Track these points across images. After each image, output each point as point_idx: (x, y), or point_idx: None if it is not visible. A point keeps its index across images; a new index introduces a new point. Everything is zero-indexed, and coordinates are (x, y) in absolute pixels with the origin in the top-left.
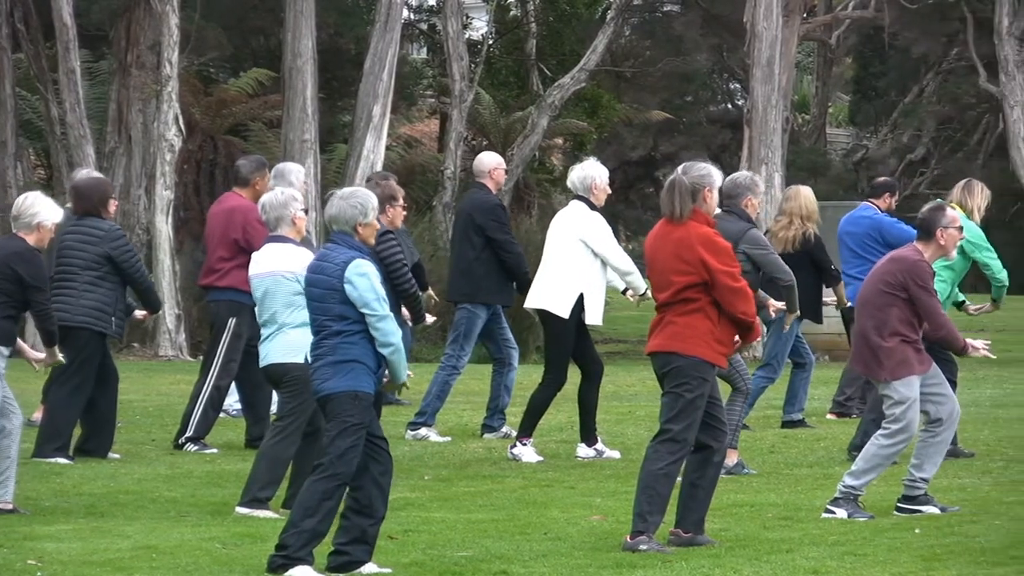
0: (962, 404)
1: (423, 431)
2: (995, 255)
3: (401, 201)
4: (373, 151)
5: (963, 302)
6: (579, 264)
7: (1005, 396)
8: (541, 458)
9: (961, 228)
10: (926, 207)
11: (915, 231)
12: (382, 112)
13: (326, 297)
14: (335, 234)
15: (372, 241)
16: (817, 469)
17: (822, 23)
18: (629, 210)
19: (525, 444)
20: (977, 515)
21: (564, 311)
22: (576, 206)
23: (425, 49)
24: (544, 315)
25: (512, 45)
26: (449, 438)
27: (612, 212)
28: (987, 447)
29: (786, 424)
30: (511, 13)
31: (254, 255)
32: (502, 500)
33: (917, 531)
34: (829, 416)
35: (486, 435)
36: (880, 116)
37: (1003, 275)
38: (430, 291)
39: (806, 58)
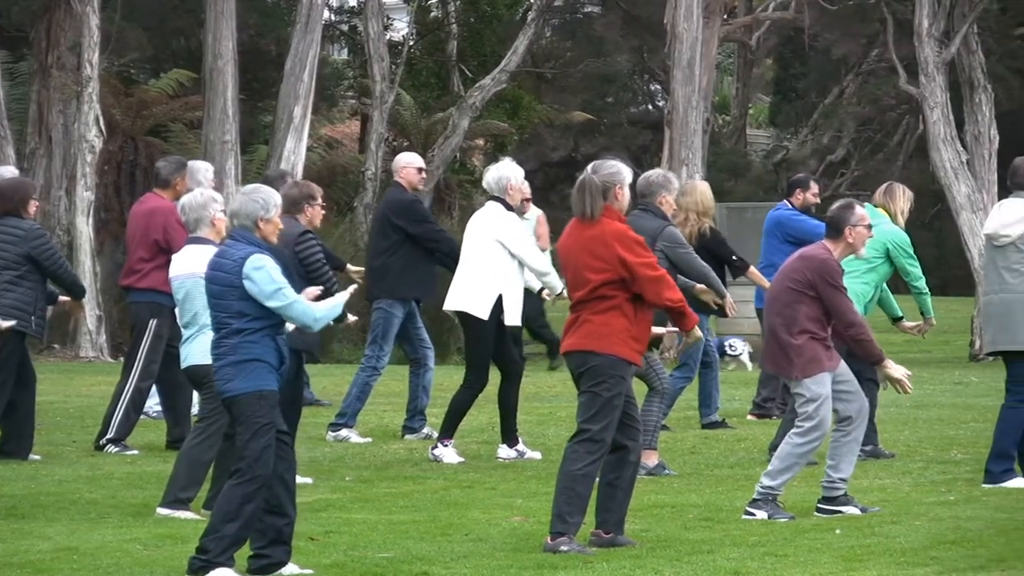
0: (882, 405)
1: (344, 432)
2: (917, 263)
3: (320, 200)
4: (294, 152)
5: (900, 318)
6: (497, 265)
7: (925, 397)
8: (462, 459)
9: (870, 226)
10: (835, 205)
11: (816, 225)
12: (303, 113)
13: (225, 294)
14: (235, 230)
15: (274, 239)
16: (738, 470)
17: (742, 24)
18: (550, 211)
19: (446, 445)
20: (897, 516)
21: (483, 312)
22: (492, 207)
23: (346, 50)
24: (463, 317)
25: (433, 46)
26: (370, 439)
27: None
28: (907, 448)
29: (706, 425)
30: (432, 14)
31: (174, 256)
32: (423, 501)
33: (838, 531)
34: (749, 417)
35: (407, 436)
36: (800, 117)
37: (922, 282)
38: (350, 267)
39: (726, 59)
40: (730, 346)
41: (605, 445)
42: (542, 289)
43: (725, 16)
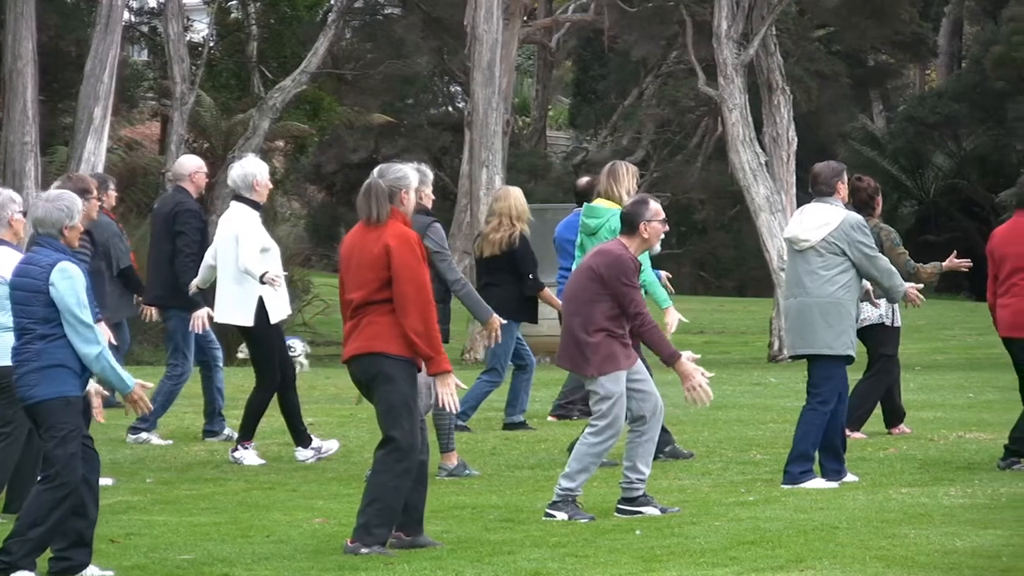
0: (681, 405)
1: (144, 435)
2: (653, 281)
3: (96, 193)
4: (94, 153)
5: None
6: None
7: (724, 398)
8: (263, 461)
9: (665, 220)
10: (630, 201)
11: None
12: (103, 114)
13: (31, 300)
14: (40, 237)
15: (76, 244)
16: (538, 471)
17: (542, 26)
18: (350, 213)
19: (246, 447)
20: (697, 516)
21: (248, 319)
22: (235, 207)
23: (146, 51)
24: (236, 326)
25: (233, 47)
26: (171, 441)
27: (334, 215)
28: (706, 448)
29: (507, 426)
30: (232, 15)
31: None
32: (224, 503)
33: (638, 532)
34: (550, 418)
35: (208, 439)
36: (600, 119)
37: (655, 288)
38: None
39: (527, 61)
40: (289, 347)
41: (413, 450)
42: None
43: (525, 18)
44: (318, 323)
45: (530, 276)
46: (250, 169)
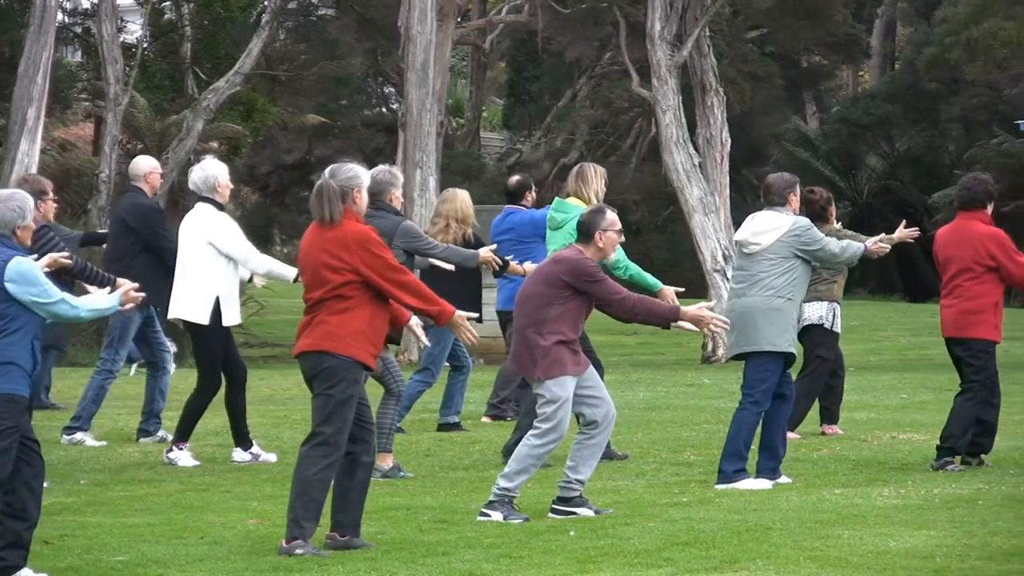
0: (616, 407)
1: (79, 435)
2: (627, 264)
3: (51, 194)
4: (28, 155)
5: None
6: (211, 268)
7: (657, 399)
8: (198, 462)
9: (621, 231)
10: (587, 210)
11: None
12: (36, 115)
13: None
14: None
15: (29, 243)
16: (472, 472)
17: (476, 27)
18: (284, 213)
19: (181, 449)
20: (631, 517)
21: (203, 318)
22: (202, 208)
23: (80, 52)
24: (187, 323)
25: (167, 48)
26: (105, 442)
27: (267, 216)
28: (640, 449)
29: (442, 427)
30: (166, 16)
31: None
32: (159, 504)
33: (572, 533)
34: (484, 419)
35: (142, 440)
36: (534, 120)
37: (623, 261)
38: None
39: (460, 62)
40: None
41: (339, 448)
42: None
43: (459, 19)
44: (253, 324)
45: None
46: (211, 171)
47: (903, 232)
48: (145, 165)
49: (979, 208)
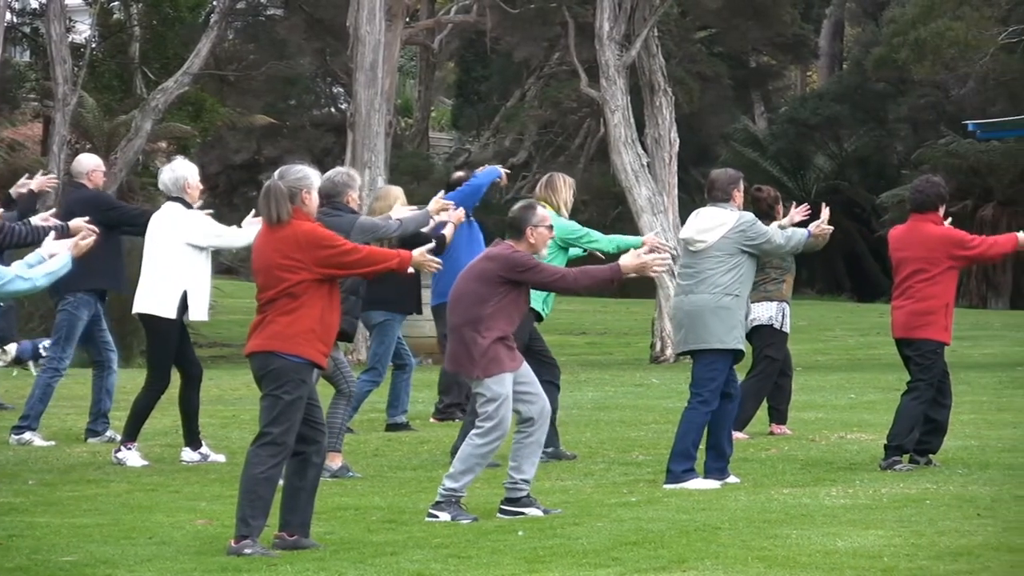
0: (564, 407)
1: (27, 435)
2: (590, 234)
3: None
4: None
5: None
6: (181, 264)
7: (606, 399)
8: (146, 462)
9: (551, 227)
10: (516, 205)
11: None
12: None
13: None
14: None
15: None
16: (421, 472)
17: (425, 27)
18: (233, 214)
19: (130, 448)
20: (580, 517)
21: (170, 311)
22: (172, 208)
23: (29, 52)
24: (146, 319)
25: (116, 48)
26: (53, 442)
27: (216, 216)
28: (589, 449)
29: (390, 427)
30: (115, 16)
31: None
32: (107, 504)
33: (520, 533)
34: (432, 420)
35: (90, 439)
36: (482, 120)
37: (603, 240)
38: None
39: (409, 62)
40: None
41: (287, 448)
42: None
43: (407, 19)
44: (202, 325)
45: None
46: (180, 172)
47: (821, 228)
48: (88, 163)
49: (931, 210)
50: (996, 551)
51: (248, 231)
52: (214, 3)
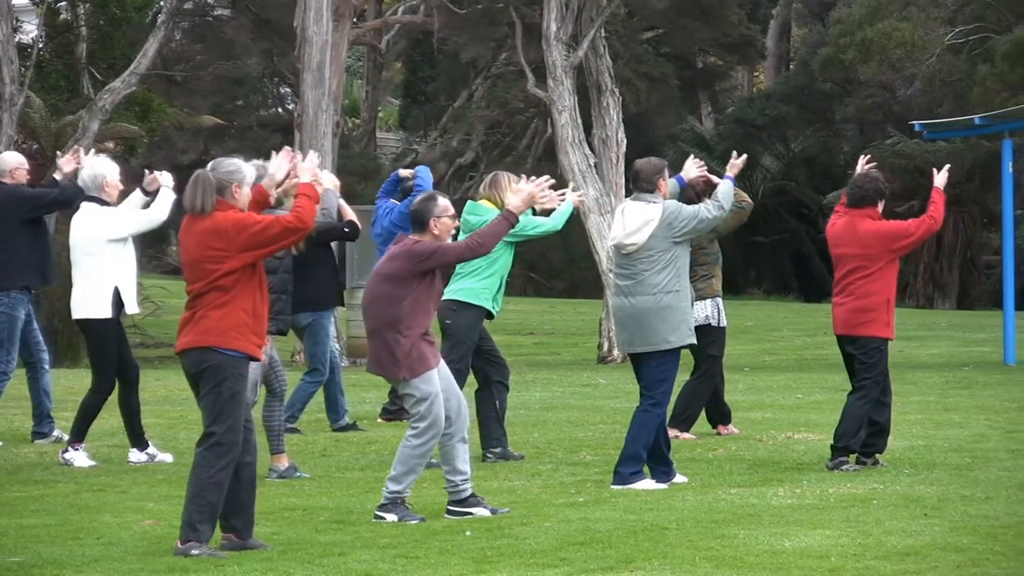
0: (511, 407)
1: None
2: (532, 220)
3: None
4: None
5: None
6: (107, 262)
7: (553, 399)
8: (94, 463)
9: (454, 216)
10: (418, 199)
11: None
12: None
13: None
14: None
15: None
16: (369, 472)
17: (372, 28)
18: (180, 213)
19: (77, 449)
20: (527, 517)
21: (105, 311)
22: (88, 208)
23: None
24: (84, 323)
25: (63, 48)
26: (0, 443)
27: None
28: (536, 449)
29: (337, 429)
30: (61, 16)
31: None
32: (54, 505)
33: (468, 533)
34: (380, 420)
35: (37, 440)
36: (430, 120)
37: (548, 223)
38: None
39: (356, 62)
40: None
41: (234, 446)
42: None
43: (355, 20)
44: (148, 324)
45: (346, 229)
46: (99, 170)
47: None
48: (12, 160)
49: (869, 205)
50: (943, 551)
51: (162, 204)
52: (161, 3)
